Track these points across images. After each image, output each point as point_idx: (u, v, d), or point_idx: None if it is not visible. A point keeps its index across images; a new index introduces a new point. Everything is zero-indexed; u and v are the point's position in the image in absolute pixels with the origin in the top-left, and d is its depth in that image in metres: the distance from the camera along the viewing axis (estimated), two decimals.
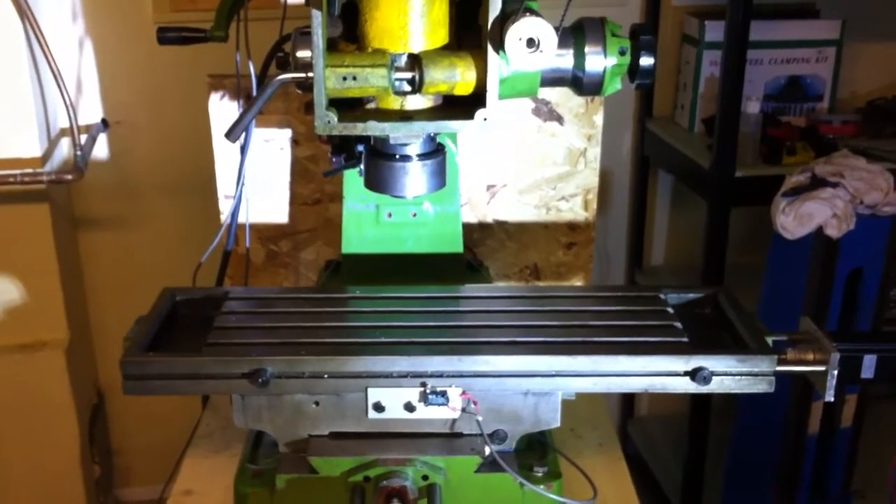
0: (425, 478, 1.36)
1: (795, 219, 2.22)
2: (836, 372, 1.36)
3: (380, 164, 1.43)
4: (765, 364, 1.34)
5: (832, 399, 1.38)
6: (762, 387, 1.35)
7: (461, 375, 1.34)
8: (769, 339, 1.40)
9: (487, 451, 1.36)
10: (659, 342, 1.39)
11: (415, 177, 1.43)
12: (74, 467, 2.85)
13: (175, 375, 1.36)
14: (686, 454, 2.79)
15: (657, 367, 1.34)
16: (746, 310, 1.49)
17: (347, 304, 1.58)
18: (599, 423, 1.84)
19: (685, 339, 1.40)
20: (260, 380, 1.31)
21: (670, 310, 1.50)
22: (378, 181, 1.44)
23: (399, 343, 1.39)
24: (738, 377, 1.34)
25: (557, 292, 1.67)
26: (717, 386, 1.34)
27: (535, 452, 1.47)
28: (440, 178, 1.46)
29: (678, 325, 1.44)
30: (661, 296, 1.54)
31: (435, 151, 1.44)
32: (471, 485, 1.38)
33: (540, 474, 1.41)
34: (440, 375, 1.33)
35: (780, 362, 1.37)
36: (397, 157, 1.42)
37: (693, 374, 1.33)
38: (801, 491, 2.52)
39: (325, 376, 1.34)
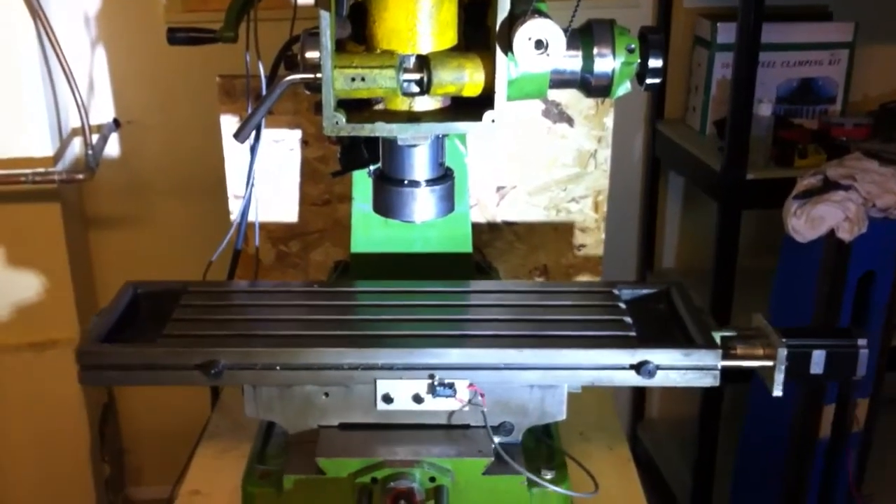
0: (433, 479, 1.35)
1: (807, 221, 2.21)
2: (783, 367, 1.37)
3: (389, 189, 1.44)
4: (709, 358, 1.36)
5: (780, 394, 1.39)
6: (707, 381, 1.37)
7: (412, 368, 1.36)
8: (718, 335, 1.42)
9: (496, 439, 1.38)
10: (607, 336, 1.41)
11: (423, 202, 1.44)
12: (84, 466, 2.86)
13: (130, 366, 1.38)
14: (696, 457, 2.78)
15: (603, 361, 1.36)
16: (697, 305, 1.51)
17: (307, 298, 1.60)
18: (608, 425, 1.84)
19: (633, 334, 1.42)
20: (212, 371, 1.33)
21: (622, 305, 1.52)
22: (387, 206, 1.46)
23: (348, 335, 1.42)
24: (684, 371, 1.36)
25: (515, 287, 1.70)
26: (662, 379, 1.36)
27: (542, 455, 1.47)
28: (449, 202, 1.47)
29: (628, 319, 1.46)
30: (615, 291, 1.56)
31: (444, 176, 1.45)
32: (478, 487, 1.37)
33: (548, 477, 1.41)
34: (390, 368, 1.36)
35: (730, 357, 1.40)
36: (406, 182, 1.42)
37: (638, 368, 1.35)
38: (811, 495, 2.51)
39: (277, 368, 1.36)
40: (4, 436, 2.80)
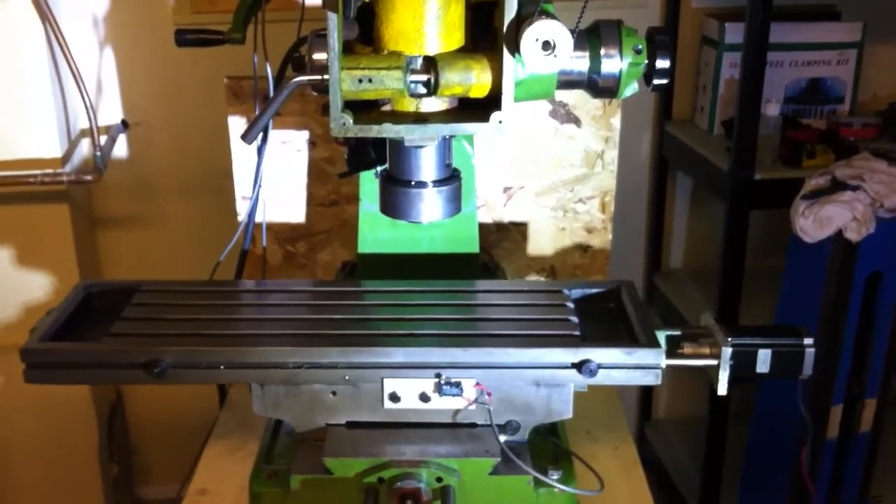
0: (439, 479, 1.36)
1: (815, 222, 2.21)
2: (728, 366, 1.38)
3: (395, 190, 1.44)
4: (651, 357, 1.36)
5: (724, 393, 1.40)
6: (650, 379, 1.37)
7: (352, 367, 1.36)
8: (663, 334, 1.43)
9: (503, 438, 1.38)
10: (551, 335, 1.42)
11: (430, 203, 1.44)
12: (93, 466, 2.87)
13: (75, 364, 1.39)
14: (704, 457, 2.78)
15: (545, 360, 1.36)
16: (644, 304, 1.53)
17: (257, 297, 1.61)
18: (616, 425, 1.84)
19: (576, 333, 1.42)
20: (156, 370, 1.33)
21: (570, 304, 1.52)
22: (394, 207, 1.46)
23: (294, 335, 1.42)
24: (626, 370, 1.36)
25: (466, 286, 1.67)
26: (604, 378, 1.36)
27: (549, 455, 1.47)
28: (456, 203, 1.47)
29: (574, 319, 1.47)
30: (565, 291, 1.57)
31: (451, 177, 1.45)
32: (485, 487, 1.38)
33: (555, 477, 1.41)
34: (334, 366, 1.36)
35: (677, 356, 1.42)
36: (413, 183, 1.43)
37: (580, 367, 1.35)
38: (819, 495, 2.51)
39: (222, 367, 1.36)
40: (13, 435, 2.81)
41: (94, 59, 2.72)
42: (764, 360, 1.40)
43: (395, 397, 1.38)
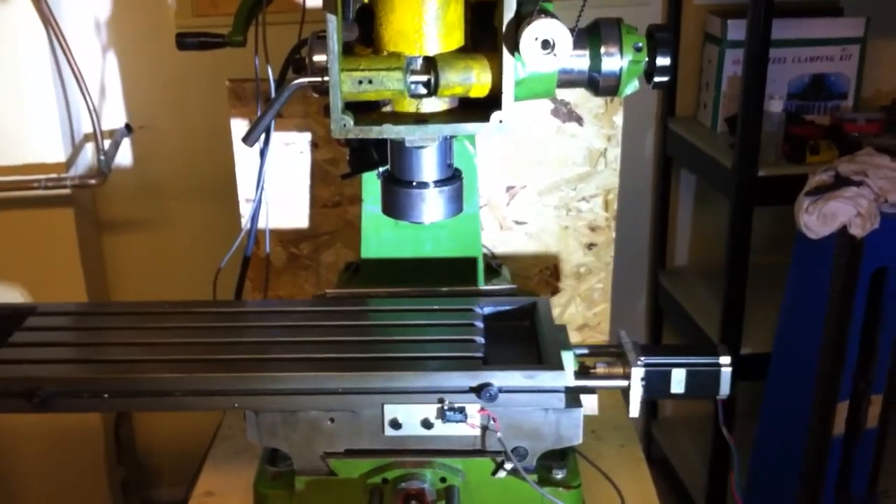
0: (443, 480, 1.36)
1: (819, 218, 2.21)
2: (640, 386, 1.34)
3: (397, 190, 1.43)
4: (552, 380, 1.30)
5: (636, 415, 1.35)
6: (554, 403, 1.31)
7: (246, 393, 1.31)
8: (570, 354, 1.37)
9: (509, 465, 1.35)
10: (452, 358, 1.36)
11: (432, 203, 1.43)
12: (100, 468, 2.88)
13: None
14: (710, 455, 2.78)
15: (443, 384, 1.31)
16: (555, 321, 1.46)
17: (151, 320, 1.53)
18: (621, 424, 1.84)
19: (479, 355, 1.36)
20: (35, 399, 1.28)
21: (479, 323, 1.45)
22: (396, 208, 1.45)
23: (175, 360, 1.37)
24: (529, 393, 1.31)
25: (366, 306, 1.59)
26: (508, 402, 1.30)
27: (554, 454, 1.47)
28: (458, 203, 1.46)
29: (480, 339, 1.40)
30: (477, 309, 1.50)
31: (452, 177, 1.44)
32: (489, 487, 1.38)
33: (559, 476, 1.40)
34: (224, 393, 1.31)
35: (589, 376, 1.37)
36: (414, 183, 1.42)
37: (479, 391, 1.29)
38: (826, 492, 2.50)
39: (106, 395, 1.31)
40: (20, 439, 2.82)
41: (96, 63, 2.73)
42: (678, 381, 1.35)
43: (395, 424, 1.34)
